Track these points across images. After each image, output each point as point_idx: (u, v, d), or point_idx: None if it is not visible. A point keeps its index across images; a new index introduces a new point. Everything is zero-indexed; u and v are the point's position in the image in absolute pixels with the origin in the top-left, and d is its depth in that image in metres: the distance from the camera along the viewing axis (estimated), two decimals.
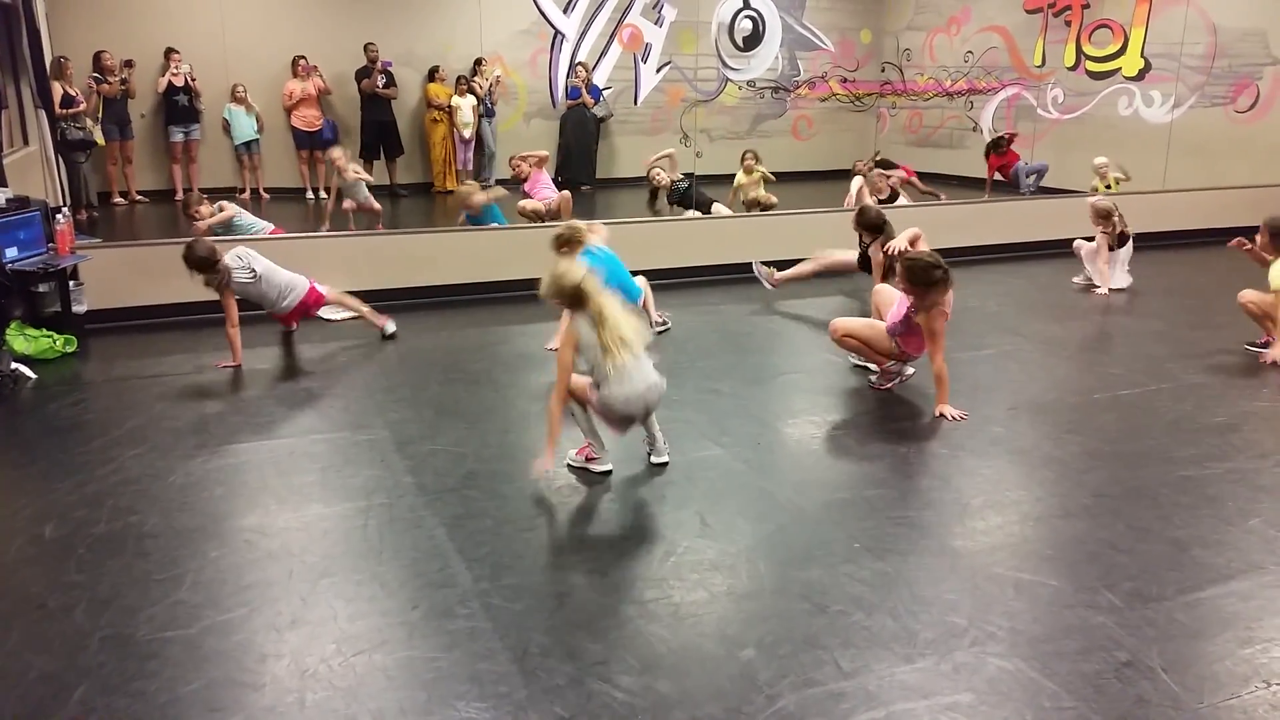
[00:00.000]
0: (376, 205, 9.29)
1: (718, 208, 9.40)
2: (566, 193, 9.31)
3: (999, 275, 8.08)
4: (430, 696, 2.60)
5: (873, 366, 5.28)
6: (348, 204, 9.09)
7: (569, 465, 4.11)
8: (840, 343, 5.28)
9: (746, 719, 2.52)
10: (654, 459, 4.17)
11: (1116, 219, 7.46)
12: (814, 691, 2.63)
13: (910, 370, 5.18)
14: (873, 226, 6.71)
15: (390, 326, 6.14)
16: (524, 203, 8.97)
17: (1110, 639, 2.88)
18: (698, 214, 9.22)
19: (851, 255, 7.10)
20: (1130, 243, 7.61)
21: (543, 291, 3.94)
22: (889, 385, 5.16)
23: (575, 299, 3.87)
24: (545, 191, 9.17)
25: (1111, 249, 7.51)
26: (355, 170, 9.25)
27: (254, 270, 5.63)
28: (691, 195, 9.59)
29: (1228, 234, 6.32)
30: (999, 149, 11.93)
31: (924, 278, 4.63)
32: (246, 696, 2.60)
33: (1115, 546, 3.46)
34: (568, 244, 5.53)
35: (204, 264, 5.48)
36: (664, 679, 2.68)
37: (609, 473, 4.06)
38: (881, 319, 5.19)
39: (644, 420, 4.07)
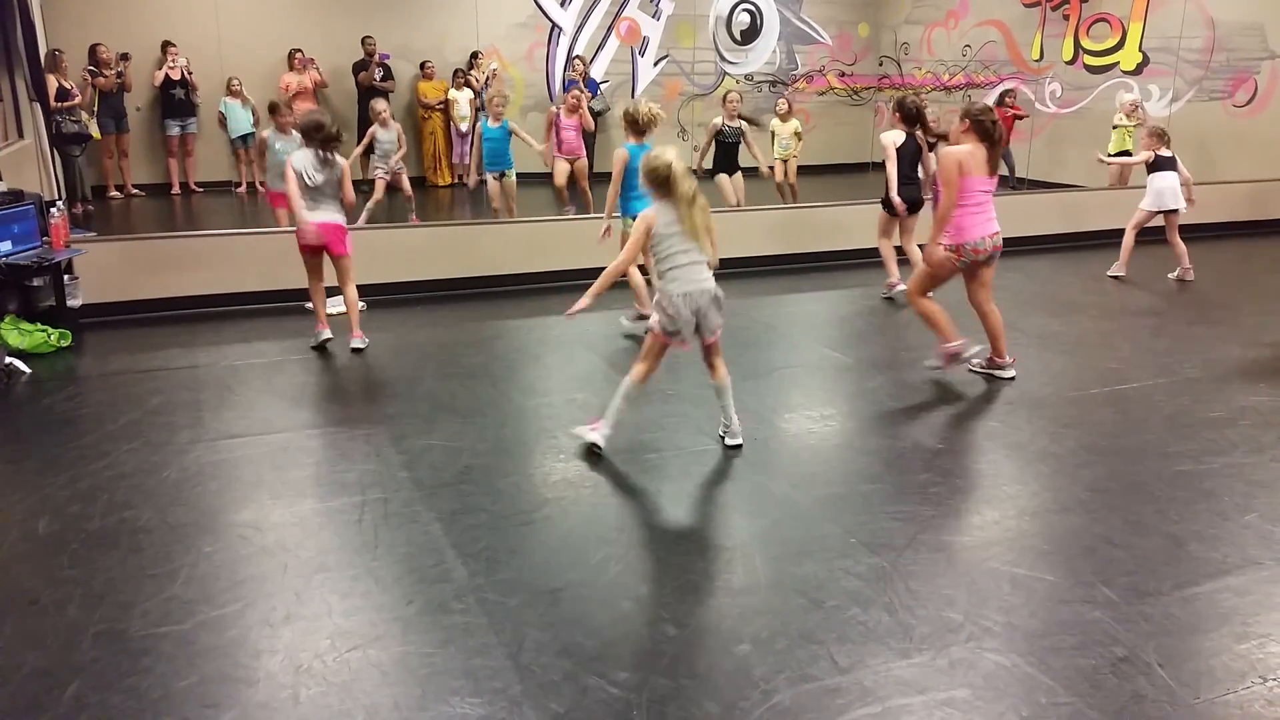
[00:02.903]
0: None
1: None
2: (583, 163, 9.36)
3: (997, 269, 8.06)
4: (425, 692, 2.60)
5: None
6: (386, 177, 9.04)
7: (576, 433, 4.29)
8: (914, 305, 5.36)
9: (742, 714, 2.51)
10: (727, 441, 4.26)
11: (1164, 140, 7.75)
12: (810, 687, 2.63)
13: (976, 348, 5.20)
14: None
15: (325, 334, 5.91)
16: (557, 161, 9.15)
17: (1106, 634, 2.88)
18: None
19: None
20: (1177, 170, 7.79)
21: (640, 175, 4.05)
22: (958, 363, 5.14)
23: (663, 183, 3.95)
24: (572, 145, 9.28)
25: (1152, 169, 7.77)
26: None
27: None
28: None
29: (1225, 229, 6.32)
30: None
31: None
32: (240, 692, 2.59)
33: (1112, 541, 3.46)
34: (639, 128, 5.76)
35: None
36: (659, 674, 2.67)
37: (597, 447, 4.18)
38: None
39: (699, 331, 4.14)
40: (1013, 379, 5.22)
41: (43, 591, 3.08)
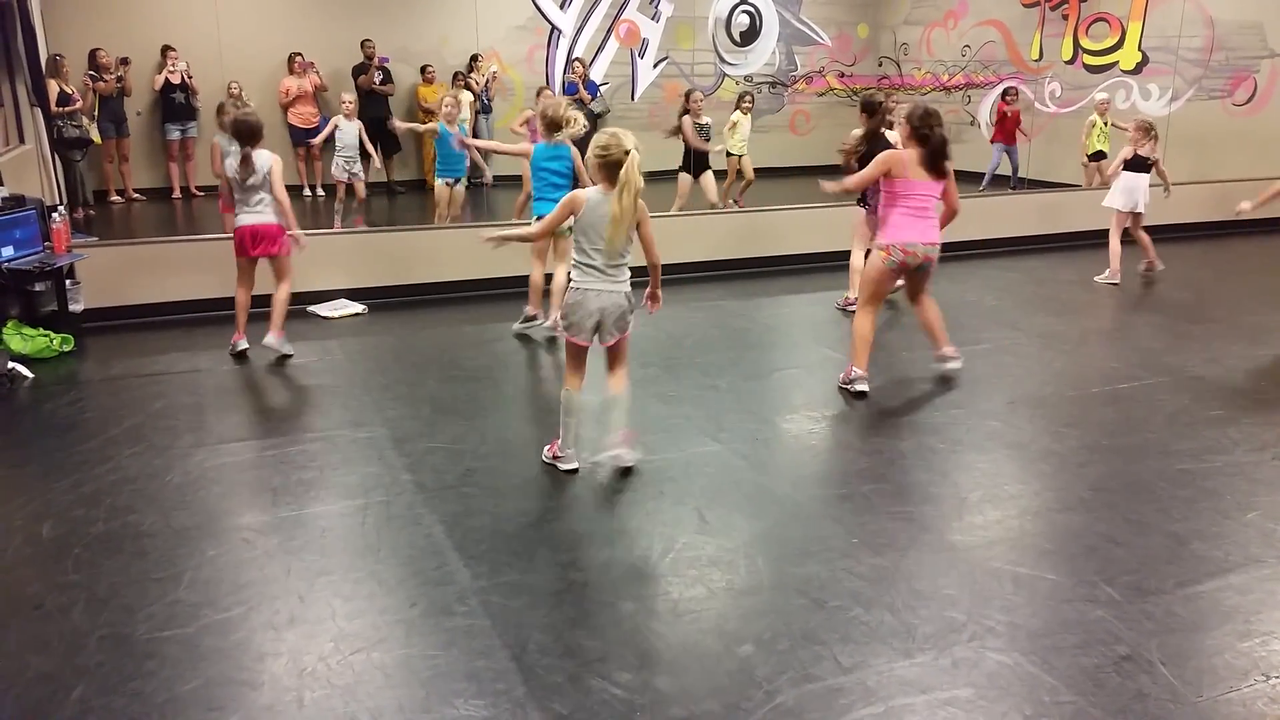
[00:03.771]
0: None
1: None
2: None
3: (996, 270, 8.08)
4: (428, 694, 2.60)
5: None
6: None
7: (543, 460, 4.11)
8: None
9: (745, 715, 2.52)
10: (599, 459, 4.00)
11: (1152, 139, 7.60)
12: (813, 687, 2.63)
13: (863, 386, 4.99)
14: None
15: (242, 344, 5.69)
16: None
17: (1109, 633, 2.88)
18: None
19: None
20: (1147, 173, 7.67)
21: (591, 150, 3.78)
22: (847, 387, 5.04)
23: (614, 168, 3.69)
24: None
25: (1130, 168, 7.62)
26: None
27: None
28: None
29: (1225, 227, 6.29)
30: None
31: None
32: (245, 695, 2.60)
33: (1114, 540, 3.46)
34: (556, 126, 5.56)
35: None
36: (662, 675, 2.68)
37: (575, 471, 4.01)
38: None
39: (599, 332, 3.88)
40: (959, 368, 5.20)
41: (47, 596, 3.09)
